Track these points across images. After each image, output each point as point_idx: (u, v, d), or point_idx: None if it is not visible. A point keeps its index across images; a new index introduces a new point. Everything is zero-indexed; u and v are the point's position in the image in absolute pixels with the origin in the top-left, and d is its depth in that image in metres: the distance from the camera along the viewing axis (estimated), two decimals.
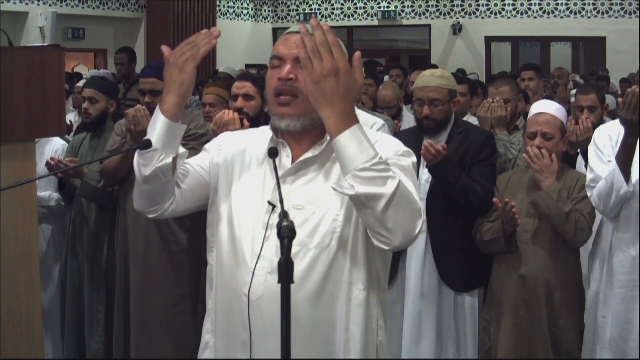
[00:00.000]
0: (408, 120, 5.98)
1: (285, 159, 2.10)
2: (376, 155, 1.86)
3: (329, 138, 1.98)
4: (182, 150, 2.13)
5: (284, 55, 2.08)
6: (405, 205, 1.87)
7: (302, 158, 2.09)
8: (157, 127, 2.05)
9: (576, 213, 3.65)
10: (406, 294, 4.01)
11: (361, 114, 4.69)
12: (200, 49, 2.04)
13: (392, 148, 2.07)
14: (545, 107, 3.92)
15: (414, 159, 2.10)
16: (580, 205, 3.70)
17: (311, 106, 1.93)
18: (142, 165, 2.07)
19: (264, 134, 2.18)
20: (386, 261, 2.16)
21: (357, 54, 1.99)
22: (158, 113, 2.07)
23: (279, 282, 1.67)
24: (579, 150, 4.31)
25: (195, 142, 3.93)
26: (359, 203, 1.87)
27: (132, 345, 4.11)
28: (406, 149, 2.11)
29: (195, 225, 3.95)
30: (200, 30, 2.08)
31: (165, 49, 2.10)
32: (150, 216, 2.19)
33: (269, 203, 2.06)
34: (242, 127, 3.68)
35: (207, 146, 2.26)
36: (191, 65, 2.04)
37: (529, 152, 3.75)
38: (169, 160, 2.06)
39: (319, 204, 2.05)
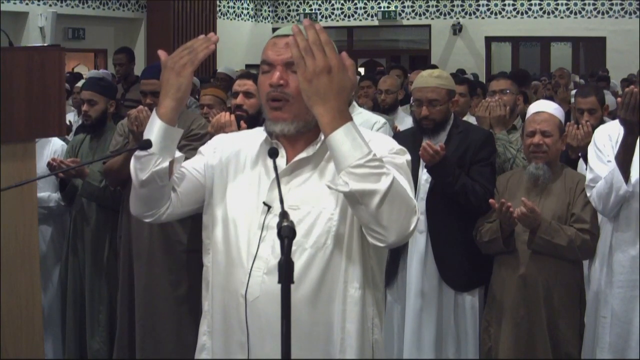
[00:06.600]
0: (405, 120, 5.97)
1: (280, 159, 2.10)
2: (370, 152, 1.86)
3: (322, 138, 1.99)
4: (178, 154, 2.13)
5: (273, 60, 2.08)
6: (400, 201, 1.87)
7: (296, 158, 2.10)
8: (154, 130, 2.06)
9: (576, 238, 3.63)
10: (407, 293, 4.01)
11: (362, 113, 4.70)
12: (198, 53, 2.05)
13: (386, 146, 2.07)
14: (543, 107, 3.95)
15: (408, 156, 2.10)
16: (582, 213, 3.69)
17: (304, 108, 1.94)
18: (139, 169, 2.07)
19: (258, 135, 2.19)
20: (381, 259, 2.16)
21: (344, 54, 1.99)
22: (154, 117, 2.07)
23: (279, 281, 1.66)
24: (579, 154, 4.31)
25: (197, 143, 3.93)
26: (353, 200, 1.87)
27: (137, 344, 4.12)
28: (400, 147, 2.11)
29: (198, 225, 3.95)
30: (200, 32, 2.09)
31: (161, 53, 2.10)
32: (147, 220, 2.19)
33: (264, 204, 2.06)
34: (239, 128, 3.70)
35: (201, 149, 2.26)
36: (188, 69, 2.05)
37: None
38: (166, 164, 2.06)
39: (313, 203, 2.06)
